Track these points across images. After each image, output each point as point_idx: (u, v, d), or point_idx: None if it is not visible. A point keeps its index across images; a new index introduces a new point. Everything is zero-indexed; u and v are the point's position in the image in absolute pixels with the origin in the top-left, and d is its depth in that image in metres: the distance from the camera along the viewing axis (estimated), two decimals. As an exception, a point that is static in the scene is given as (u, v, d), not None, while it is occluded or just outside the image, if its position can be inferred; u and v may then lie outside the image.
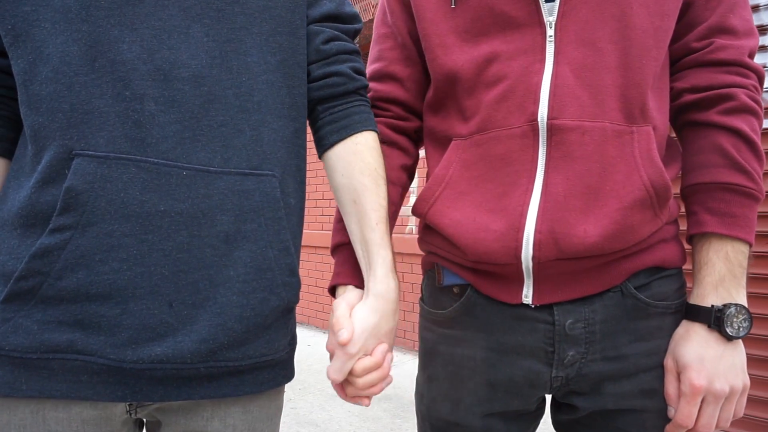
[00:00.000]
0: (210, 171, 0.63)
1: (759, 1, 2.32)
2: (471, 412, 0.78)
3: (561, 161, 0.69)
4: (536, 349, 0.74)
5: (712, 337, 0.70)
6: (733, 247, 0.71)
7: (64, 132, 0.58)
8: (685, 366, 0.70)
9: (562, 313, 0.72)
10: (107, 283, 0.59)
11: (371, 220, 0.73)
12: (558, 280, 0.72)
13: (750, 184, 0.71)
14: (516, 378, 0.75)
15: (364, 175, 0.74)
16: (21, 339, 0.58)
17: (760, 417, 2.04)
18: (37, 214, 0.58)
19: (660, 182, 0.69)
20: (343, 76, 0.75)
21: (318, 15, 0.74)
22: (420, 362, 0.88)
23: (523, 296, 0.73)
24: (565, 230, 0.68)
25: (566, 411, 0.80)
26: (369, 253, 0.74)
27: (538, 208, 0.69)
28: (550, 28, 0.71)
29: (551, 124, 0.69)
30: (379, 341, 0.73)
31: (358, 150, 0.75)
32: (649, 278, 0.74)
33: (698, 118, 0.75)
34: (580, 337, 0.72)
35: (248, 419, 0.70)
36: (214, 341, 0.62)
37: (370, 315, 0.72)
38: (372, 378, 0.72)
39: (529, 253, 0.69)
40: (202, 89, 0.63)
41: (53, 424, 0.61)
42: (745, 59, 0.73)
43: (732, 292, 0.70)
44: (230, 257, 0.64)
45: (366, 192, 0.74)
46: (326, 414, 2.88)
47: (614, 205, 0.68)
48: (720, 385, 0.68)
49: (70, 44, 0.59)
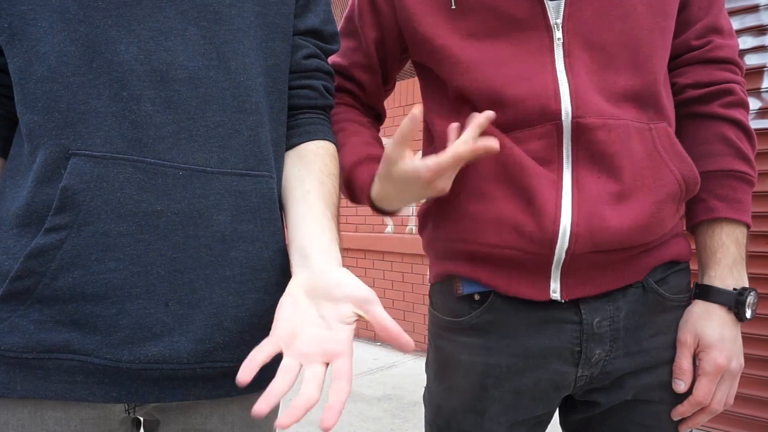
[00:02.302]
0: (207, 171, 0.63)
1: (759, 1, 2.32)
2: (497, 422, 0.77)
3: (590, 159, 0.70)
4: (563, 350, 0.74)
5: (729, 319, 0.73)
6: (741, 231, 0.76)
7: (60, 131, 0.58)
8: (710, 346, 0.72)
9: (589, 311, 0.73)
10: (103, 283, 0.59)
11: (327, 212, 0.69)
12: (585, 274, 0.73)
13: (751, 171, 0.76)
14: (542, 382, 0.75)
15: (324, 174, 0.73)
16: (17, 339, 0.58)
17: (760, 417, 2.04)
18: (33, 214, 0.58)
19: (692, 176, 0.73)
20: (315, 91, 0.77)
21: (303, 28, 0.75)
22: (433, 372, 0.85)
23: (551, 291, 0.73)
24: (600, 223, 0.69)
25: (583, 409, 0.80)
26: (313, 247, 0.67)
27: (572, 203, 0.69)
28: (557, 31, 0.71)
29: (577, 122, 0.69)
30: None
31: (320, 153, 0.75)
32: (665, 272, 0.77)
33: (702, 110, 0.79)
34: (606, 335, 0.73)
35: (247, 416, 0.70)
36: (210, 341, 0.63)
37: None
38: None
39: (564, 245, 0.69)
40: (198, 90, 0.63)
41: (52, 423, 0.61)
42: (737, 57, 0.79)
43: (742, 274, 0.75)
44: (226, 257, 0.64)
45: (322, 188, 0.71)
46: (326, 414, 2.87)
47: (649, 199, 0.70)
48: (735, 364, 0.73)
49: (68, 44, 0.59)
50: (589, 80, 0.70)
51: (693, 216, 0.79)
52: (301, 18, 0.76)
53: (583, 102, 0.69)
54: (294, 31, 0.75)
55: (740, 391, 2.36)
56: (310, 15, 0.77)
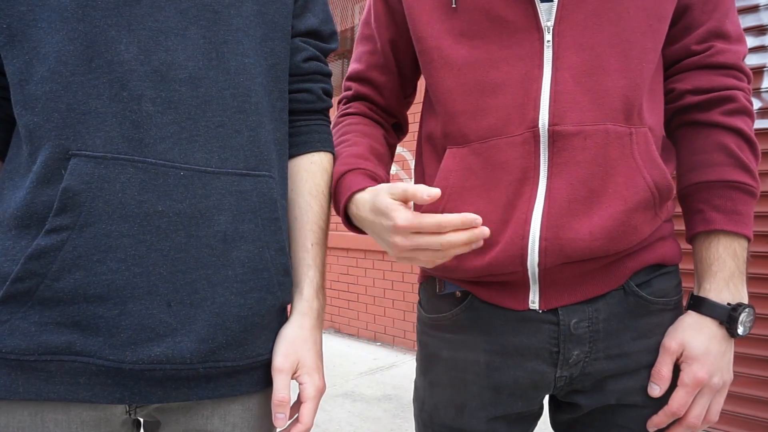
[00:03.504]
0: (207, 171, 0.63)
1: (759, 1, 2.32)
2: (476, 417, 0.78)
3: (564, 167, 0.69)
4: (541, 350, 0.74)
5: (719, 333, 0.71)
6: (740, 243, 0.73)
7: (60, 132, 0.58)
8: (693, 357, 0.71)
9: (566, 313, 0.73)
10: (105, 284, 0.59)
11: (307, 240, 0.75)
12: (563, 284, 0.72)
13: (752, 182, 0.73)
14: (520, 380, 0.75)
15: (312, 196, 0.76)
16: (18, 341, 0.58)
17: (760, 417, 2.04)
18: (33, 215, 0.58)
19: (664, 183, 0.70)
20: (313, 95, 0.78)
21: (303, 29, 0.76)
22: (419, 367, 0.87)
23: (530, 302, 0.73)
24: (569, 235, 0.68)
25: (567, 410, 0.80)
26: (297, 273, 0.74)
27: (542, 214, 0.69)
28: (548, 33, 0.70)
29: (553, 130, 0.69)
30: (302, 365, 0.70)
31: (312, 170, 0.77)
32: (650, 275, 0.75)
33: (700, 118, 0.76)
34: (585, 336, 0.73)
35: (248, 417, 0.70)
36: (213, 341, 0.63)
37: (296, 330, 0.71)
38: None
39: (535, 259, 0.69)
40: (198, 90, 0.63)
41: (52, 426, 0.61)
42: (741, 63, 0.76)
43: (740, 288, 0.72)
44: (228, 257, 0.64)
45: (309, 212, 0.75)
46: (326, 414, 2.88)
47: (618, 207, 0.68)
48: (717, 380, 0.71)
49: (67, 44, 0.58)
50: (575, 84, 0.69)
51: (690, 227, 0.77)
52: (301, 18, 0.76)
53: (562, 109, 0.69)
54: (294, 32, 0.75)
55: (740, 391, 2.35)
56: (310, 15, 0.77)
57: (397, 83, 0.88)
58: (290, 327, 0.71)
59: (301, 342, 0.70)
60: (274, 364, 0.69)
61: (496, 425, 0.78)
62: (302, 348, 0.70)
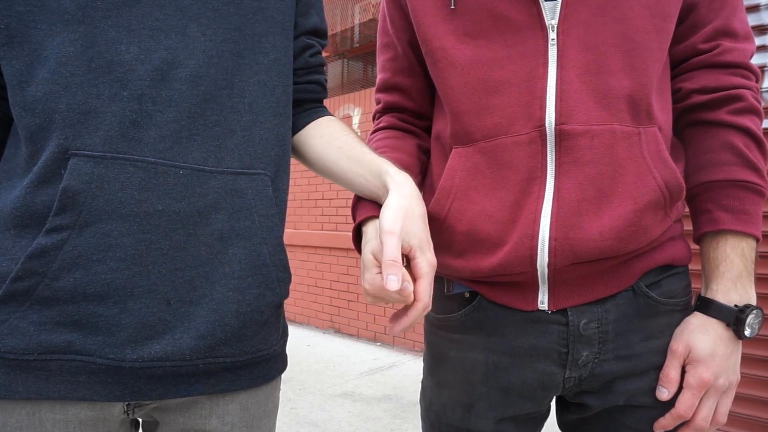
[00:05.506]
0: (205, 170, 0.63)
1: (759, 1, 2.32)
2: (483, 417, 0.77)
3: (571, 166, 0.69)
4: (550, 350, 0.73)
5: (726, 335, 0.71)
6: (748, 244, 0.72)
7: (60, 132, 0.58)
8: (698, 360, 0.70)
9: (576, 313, 0.72)
10: (105, 283, 0.59)
11: (365, 151, 0.74)
12: (573, 285, 0.72)
13: (761, 182, 0.72)
14: (529, 381, 0.75)
15: (344, 132, 0.78)
16: (17, 341, 0.58)
17: (760, 417, 2.03)
18: (32, 215, 0.58)
19: (674, 183, 0.70)
20: (320, 85, 0.84)
21: (310, 27, 0.79)
22: (427, 368, 0.86)
23: (539, 303, 0.73)
24: (579, 235, 0.68)
25: (575, 410, 0.80)
26: (375, 173, 0.71)
27: (551, 214, 0.69)
28: (552, 32, 0.70)
29: (560, 129, 0.69)
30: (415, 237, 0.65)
31: (332, 122, 0.81)
32: (659, 276, 0.75)
33: (708, 117, 0.75)
34: (594, 337, 0.72)
35: (246, 416, 0.70)
36: (212, 337, 0.63)
37: (399, 200, 0.65)
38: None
39: (545, 260, 0.69)
40: (199, 89, 0.63)
41: (50, 425, 0.61)
42: (749, 62, 0.75)
43: (747, 289, 0.71)
44: (225, 254, 0.64)
45: (351, 141, 0.76)
46: (326, 414, 2.88)
47: (628, 207, 0.68)
48: (723, 381, 0.70)
49: (67, 45, 0.58)
50: (580, 83, 0.69)
51: (698, 227, 0.76)
52: (307, 17, 0.78)
53: (568, 108, 0.69)
54: (301, 30, 0.77)
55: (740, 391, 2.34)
56: (314, 14, 0.80)
57: (424, 83, 0.87)
58: (392, 198, 0.65)
59: (407, 210, 0.64)
60: (382, 227, 0.62)
61: (504, 426, 0.78)
62: (409, 218, 0.64)
